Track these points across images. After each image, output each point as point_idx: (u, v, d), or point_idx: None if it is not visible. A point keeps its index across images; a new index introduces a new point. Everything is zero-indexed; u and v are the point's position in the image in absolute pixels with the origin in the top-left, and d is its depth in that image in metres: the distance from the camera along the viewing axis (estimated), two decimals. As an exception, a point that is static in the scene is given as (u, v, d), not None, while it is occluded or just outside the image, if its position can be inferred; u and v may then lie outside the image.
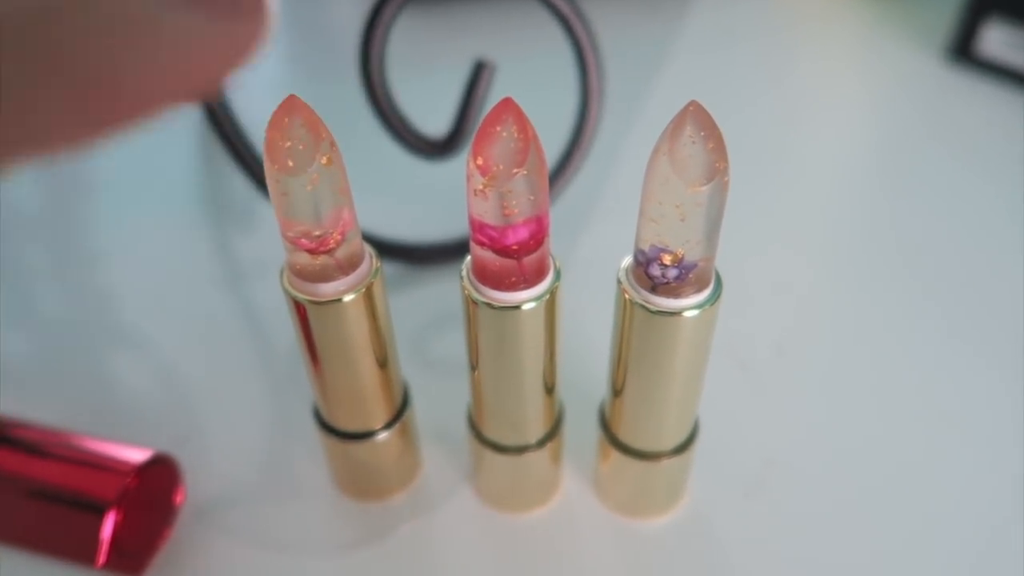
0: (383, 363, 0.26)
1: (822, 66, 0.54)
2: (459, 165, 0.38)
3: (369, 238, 0.34)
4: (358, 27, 0.34)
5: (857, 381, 0.34)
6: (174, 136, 0.49)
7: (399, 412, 0.28)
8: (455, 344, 0.36)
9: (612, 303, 0.24)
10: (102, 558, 0.26)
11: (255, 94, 0.37)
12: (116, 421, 0.33)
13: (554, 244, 0.24)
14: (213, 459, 0.32)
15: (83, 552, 0.26)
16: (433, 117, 0.38)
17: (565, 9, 0.36)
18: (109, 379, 0.35)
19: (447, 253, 0.38)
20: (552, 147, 0.37)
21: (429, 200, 0.42)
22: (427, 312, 0.37)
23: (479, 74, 0.36)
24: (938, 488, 0.30)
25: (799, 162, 0.46)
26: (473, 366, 0.25)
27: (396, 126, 0.35)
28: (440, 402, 0.32)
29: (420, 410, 0.31)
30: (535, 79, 0.44)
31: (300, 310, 0.24)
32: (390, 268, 0.39)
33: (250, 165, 0.35)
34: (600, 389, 0.29)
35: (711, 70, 0.52)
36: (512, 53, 0.40)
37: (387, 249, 0.38)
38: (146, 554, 0.28)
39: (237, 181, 0.45)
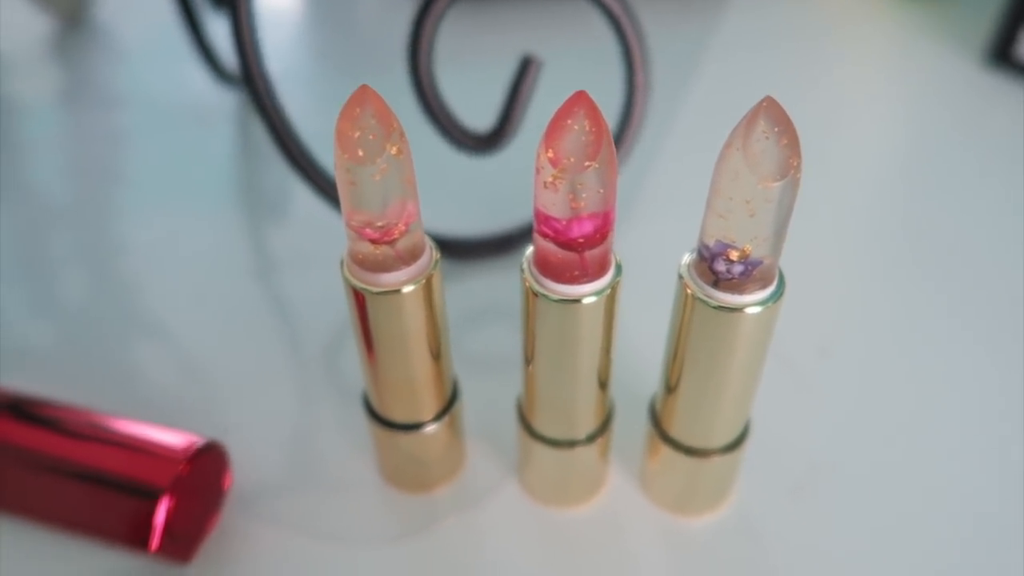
0: (437, 355, 0.26)
1: (859, 69, 0.53)
2: (500, 160, 0.38)
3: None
4: (385, 21, 0.34)
5: (902, 383, 0.34)
6: (211, 127, 0.49)
7: (448, 404, 0.28)
8: (495, 339, 0.36)
9: (653, 298, 0.24)
10: (155, 543, 0.26)
11: (285, 88, 0.37)
12: (155, 410, 0.33)
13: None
14: (255, 448, 0.32)
15: (136, 537, 0.26)
16: (473, 113, 0.38)
17: (615, 8, 0.36)
18: (145, 369, 0.35)
19: (488, 248, 0.38)
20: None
21: (470, 195, 0.42)
22: (468, 307, 0.37)
23: (526, 69, 0.36)
24: (988, 490, 0.30)
25: (837, 165, 0.46)
26: (528, 358, 0.25)
27: (443, 121, 0.35)
28: (482, 397, 0.32)
29: (467, 407, 0.31)
30: (576, 75, 0.44)
31: (359, 299, 0.24)
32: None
33: (296, 158, 0.36)
34: (648, 385, 0.29)
35: (748, 72, 0.52)
36: (554, 48, 0.40)
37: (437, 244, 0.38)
38: (196, 540, 0.28)
39: (272, 172, 0.45)
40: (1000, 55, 0.51)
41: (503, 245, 0.38)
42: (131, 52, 0.56)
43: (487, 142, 0.36)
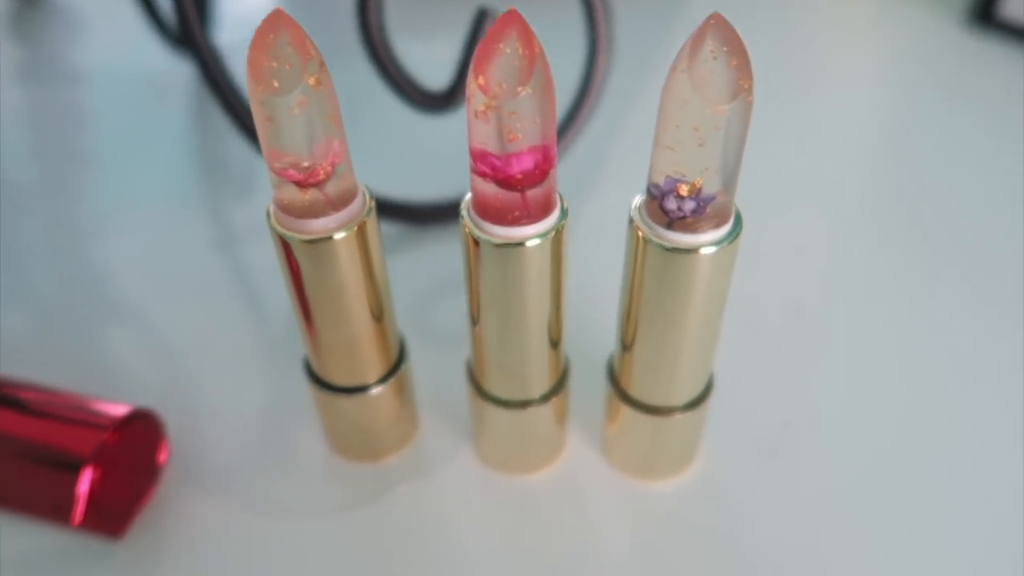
0: (377, 310, 0.25)
1: (840, 32, 0.52)
2: (461, 123, 0.36)
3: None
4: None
5: (876, 343, 0.33)
6: (170, 99, 0.47)
7: (394, 366, 0.27)
8: (455, 308, 0.35)
9: (622, 261, 0.23)
10: (78, 516, 0.25)
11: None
12: (103, 383, 0.31)
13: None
14: (203, 420, 0.30)
15: (59, 510, 0.25)
16: (437, 81, 0.36)
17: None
18: (96, 341, 0.34)
19: (448, 213, 0.37)
20: (560, 102, 0.35)
21: (430, 161, 0.41)
22: (428, 275, 0.36)
23: (480, 23, 0.34)
24: (959, 448, 0.29)
25: (817, 127, 0.44)
26: (474, 314, 0.24)
27: (395, 77, 0.34)
28: (440, 367, 0.30)
29: (419, 377, 0.29)
30: (541, 35, 0.42)
31: (287, 249, 0.22)
32: (390, 229, 0.37)
33: (245, 121, 0.34)
34: (609, 349, 0.27)
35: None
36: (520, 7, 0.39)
37: (386, 208, 0.36)
38: (127, 515, 0.26)
39: (235, 148, 0.44)
40: (982, 15, 0.49)
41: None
42: (88, 26, 0.54)
43: (444, 99, 0.35)
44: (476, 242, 0.21)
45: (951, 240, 0.37)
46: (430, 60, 0.37)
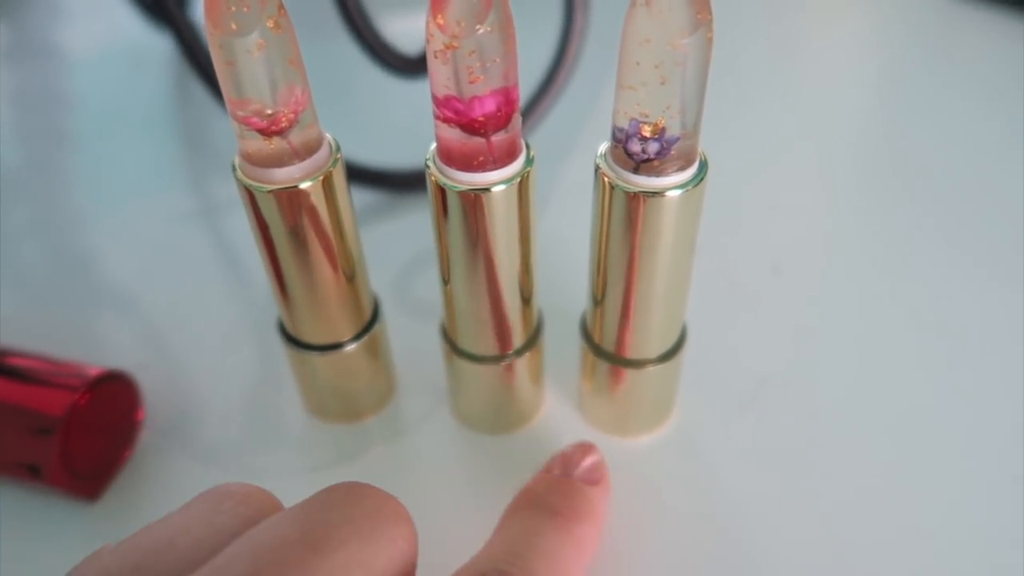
0: (347, 265, 0.24)
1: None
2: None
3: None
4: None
5: (854, 301, 0.32)
6: (150, 72, 0.47)
7: (368, 325, 0.27)
8: (434, 278, 0.34)
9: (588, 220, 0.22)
10: (51, 477, 0.25)
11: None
12: (82, 350, 0.31)
13: (538, 171, 0.22)
14: (182, 384, 0.30)
15: (33, 471, 0.25)
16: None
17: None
18: (76, 309, 0.34)
19: (424, 182, 0.37)
20: (538, 66, 0.35)
21: (406, 131, 0.40)
22: (405, 246, 0.35)
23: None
24: (938, 404, 0.29)
25: (798, 87, 0.44)
26: (443, 266, 0.24)
27: (368, 39, 0.33)
28: (417, 336, 0.30)
29: (397, 346, 0.29)
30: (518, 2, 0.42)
31: (253, 200, 0.22)
32: (367, 198, 0.37)
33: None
34: (581, 306, 0.27)
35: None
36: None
37: (363, 176, 0.36)
38: (102, 476, 0.26)
39: (217, 122, 0.44)
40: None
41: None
42: (66, 3, 0.54)
43: (419, 63, 0.35)
44: (442, 189, 0.21)
45: (930, 199, 0.37)
46: (411, 32, 0.36)
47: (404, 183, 0.37)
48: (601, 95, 0.42)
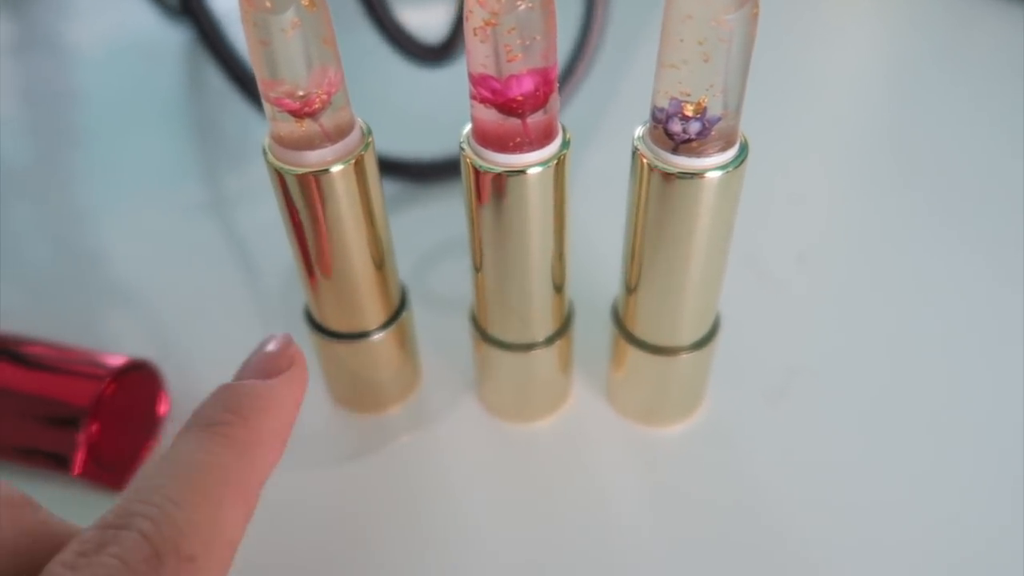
0: (376, 252, 0.24)
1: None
2: (461, 81, 0.36)
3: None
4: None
5: (882, 289, 0.32)
6: (164, 65, 0.47)
7: (395, 313, 0.26)
8: (460, 269, 0.34)
9: (623, 212, 0.22)
10: (78, 467, 0.24)
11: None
12: (102, 341, 0.31)
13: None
14: (203, 374, 0.30)
15: (59, 461, 0.24)
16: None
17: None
18: (94, 302, 0.33)
19: (449, 170, 0.36)
20: (562, 47, 0.35)
21: (431, 121, 0.40)
22: (431, 236, 0.35)
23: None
24: (970, 395, 0.28)
25: (816, 79, 0.44)
26: (476, 250, 0.23)
27: (390, 29, 0.33)
28: (443, 327, 0.30)
29: (422, 336, 0.29)
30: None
31: (283, 183, 0.22)
32: (392, 188, 0.37)
33: (245, 84, 0.33)
34: (613, 293, 0.27)
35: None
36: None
37: (388, 166, 0.36)
38: (128, 467, 0.26)
39: (229, 115, 0.43)
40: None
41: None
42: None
43: (440, 51, 0.34)
44: (476, 171, 0.21)
45: (953, 189, 0.37)
46: (432, 24, 0.36)
47: (423, 173, 0.36)
48: (618, 88, 0.42)
